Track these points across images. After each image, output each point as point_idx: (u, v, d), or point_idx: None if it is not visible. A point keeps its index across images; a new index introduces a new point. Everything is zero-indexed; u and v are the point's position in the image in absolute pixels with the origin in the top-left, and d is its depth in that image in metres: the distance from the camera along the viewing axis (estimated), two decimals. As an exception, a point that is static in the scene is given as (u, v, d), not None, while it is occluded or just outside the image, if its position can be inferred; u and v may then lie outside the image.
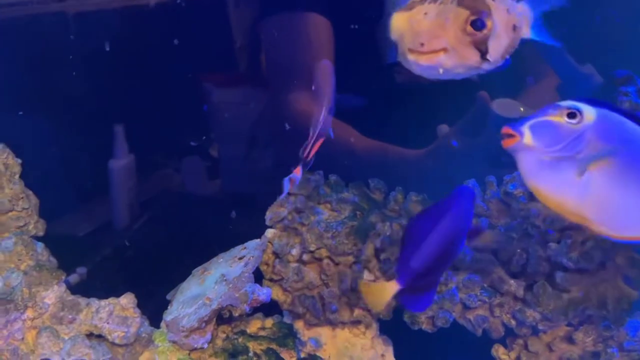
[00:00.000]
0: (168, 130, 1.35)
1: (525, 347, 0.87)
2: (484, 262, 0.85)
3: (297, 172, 0.74)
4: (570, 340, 0.86)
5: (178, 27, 1.23)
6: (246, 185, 1.41)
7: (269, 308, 0.99)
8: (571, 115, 0.56)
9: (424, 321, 0.85)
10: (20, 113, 1.19)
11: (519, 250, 0.83)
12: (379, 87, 1.14)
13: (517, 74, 1.06)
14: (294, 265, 0.97)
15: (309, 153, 0.73)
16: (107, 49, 1.23)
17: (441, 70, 0.54)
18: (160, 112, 1.31)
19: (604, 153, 0.56)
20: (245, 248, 0.97)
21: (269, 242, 1.00)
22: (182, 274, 1.14)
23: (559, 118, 0.56)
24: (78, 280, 1.06)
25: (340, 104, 0.76)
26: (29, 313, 0.93)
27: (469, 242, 0.64)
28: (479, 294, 0.84)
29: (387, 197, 0.95)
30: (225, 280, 0.90)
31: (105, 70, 1.28)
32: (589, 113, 0.56)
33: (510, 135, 0.56)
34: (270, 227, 0.99)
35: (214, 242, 1.07)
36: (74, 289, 0.97)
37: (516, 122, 0.58)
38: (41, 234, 0.99)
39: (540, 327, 0.83)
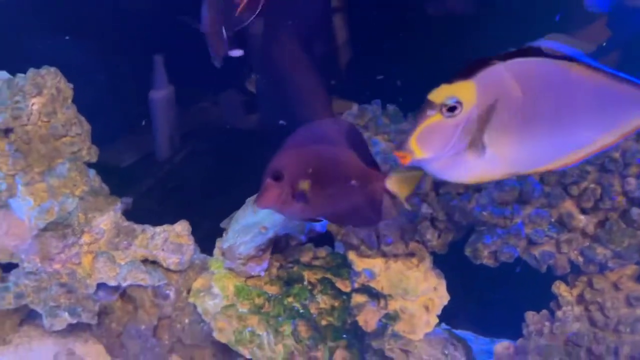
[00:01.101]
0: (207, 62, 1.32)
1: (590, 284, 0.85)
2: (553, 196, 0.81)
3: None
4: (638, 279, 0.83)
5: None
6: (285, 117, 1.38)
7: (320, 238, 0.98)
8: (450, 109, 0.52)
9: (486, 255, 0.83)
10: (67, 37, 1.16)
11: (592, 185, 0.79)
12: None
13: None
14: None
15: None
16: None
17: None
18: (199, 44, 1.28)
19: (493, 122, 0.52)
20: (299, 179, 0.95)
21: (323, 173, 0.97)
22: (223, 205, 1.13)
23: (439, 117, 0.52)
24: (124, 209, 1.06)
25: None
26: (86, 238, 0.93)
27: None
28: (546, 229, 0.81)
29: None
30: (281, 209, 0.89)
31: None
32: (468, 92, 0.52)
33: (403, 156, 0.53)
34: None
35: (254, 174, 1.05)
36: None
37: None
38: (94, 160, 0.98)
39: (610, 264, 0.80)
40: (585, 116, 0.54)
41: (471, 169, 0.54)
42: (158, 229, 0.96)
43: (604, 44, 0.98)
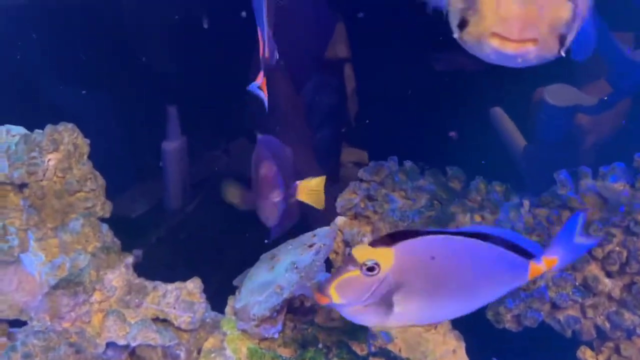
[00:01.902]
0: (218, 113, 1.33)
1: (617, 351, 0.82)
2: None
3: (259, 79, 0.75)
4: (668, 346, 0.80)
5: (230, 10, 1.19)
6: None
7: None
8: (369, 269, 0.59)
9: (509, 320, 0.80)
10: (84, 92, 1.17)
11: (617, 248, 0.77)
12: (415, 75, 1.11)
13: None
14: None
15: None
16: (162, 32, 1.20)
17: (520, 60, 0.49)
18: (212, 95, 1.29)
19: (404, 287, 0.60)
20: (315, 236, 0.93)
21: (339, 230, 0.96)
22: (234, 258, 1.11)
23: (358, 273, 0.60)
24: (134, 262, 1.04)
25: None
26: (97, 296, 0.91)
27: None
28: (570, 293, 0.79)
29: (467, 187, 0.90)
30: (297, 268, 0.87)
31: (160, 53, 1.26)
32: (387, 258, 0.60)
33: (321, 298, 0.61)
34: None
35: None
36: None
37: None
38: (107, 215, 0.97)
39: (638, 331, 0.77)
40: (482, 283, 0.62)
41: (378, 319, 0.62)
42: (170, 286, 0.94)
43: (606, 98, 0.98)
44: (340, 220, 0.95)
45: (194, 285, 0.95)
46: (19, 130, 0.95)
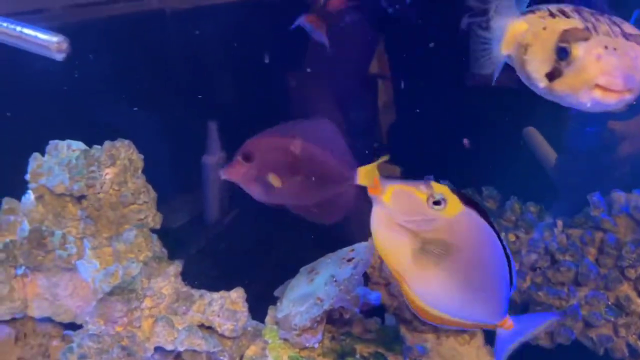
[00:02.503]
0: (258, 128, 1.37)
1: (649, 369, 0.84)
2: (610, 279, 0.82)
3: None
4: (699, 366, 0.82)
5: (268, 26, 1.24)
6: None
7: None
8: (436, 202, 0.57)
9: (542, 337, 0.83)
10: (135, 109, 1.24)
11: (650, 269, 0.79)
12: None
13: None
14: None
15: None
16: (204, 47, 1.26)
17: (614, 108, 0.52)
18: (251, 110, 1.34)
19: (442, 246, 0.58)
20: (353, 250, 0.97)
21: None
22: (272, 269, 1.15)
23: (423, 196, 0.57)
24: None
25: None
26: (147, 302, 0.97)
27: None
28: (603, 312, 0.81)
29: (502, 206, 0.93)
30: (336, 281, 0.91)
31: (202, 68, 1.32)
32: (454, 208, 0.57)
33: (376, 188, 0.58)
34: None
35: (302, 238, 1.08)
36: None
37: None
38: (157, 227, 1.03)
39: (670, 351, 0.79)
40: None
41: (400, 257, 0.59)
42: (215, 295, 0.99)
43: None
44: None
45: (237, 295, 1.00)
46: (78, 145, 1.02)
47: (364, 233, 1.04)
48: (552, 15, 0.53)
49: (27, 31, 0.68)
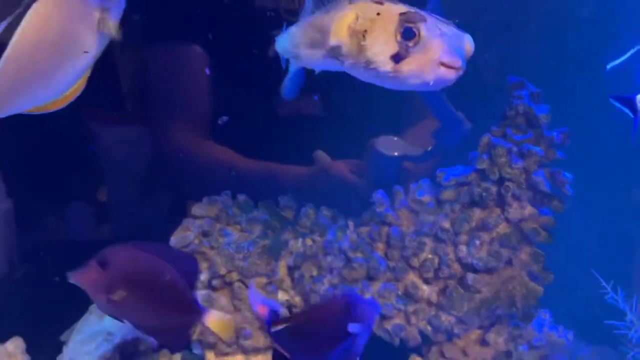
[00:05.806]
0: (52, 175, 1.26)
1: (442, 354, 0.88)
2: (398, 270, 0.85)
3: None
4: (483, 342, 0.87)
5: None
6: (139, 228, 1.33)
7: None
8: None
9: (342, 336, 0.83)
10: None
11: (430, 255, 0.84)
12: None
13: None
14: (203, 292, 0.91)
15: None
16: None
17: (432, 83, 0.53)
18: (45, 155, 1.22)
19: None
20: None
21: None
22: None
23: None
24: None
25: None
26: None
27: None
28: (394, 302, 0.84)
29: (298, 214, 0.94)
30: (128, 312, 0.83)
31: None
32: None
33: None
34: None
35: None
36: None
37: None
38: None
39: (455, 330, 0.84)
40: None
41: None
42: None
43: (430, 149, 1.08)
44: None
45: (14, 346, 0.87)
46: None
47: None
48: (378, 2, 0.53)
49: None
